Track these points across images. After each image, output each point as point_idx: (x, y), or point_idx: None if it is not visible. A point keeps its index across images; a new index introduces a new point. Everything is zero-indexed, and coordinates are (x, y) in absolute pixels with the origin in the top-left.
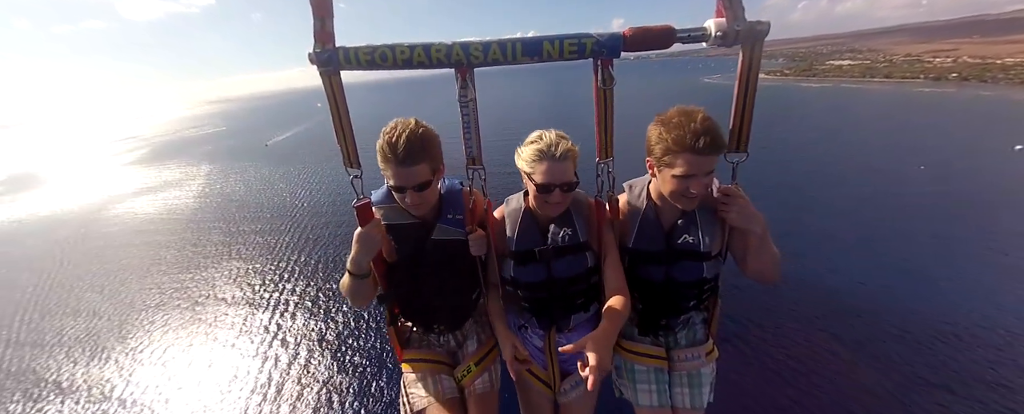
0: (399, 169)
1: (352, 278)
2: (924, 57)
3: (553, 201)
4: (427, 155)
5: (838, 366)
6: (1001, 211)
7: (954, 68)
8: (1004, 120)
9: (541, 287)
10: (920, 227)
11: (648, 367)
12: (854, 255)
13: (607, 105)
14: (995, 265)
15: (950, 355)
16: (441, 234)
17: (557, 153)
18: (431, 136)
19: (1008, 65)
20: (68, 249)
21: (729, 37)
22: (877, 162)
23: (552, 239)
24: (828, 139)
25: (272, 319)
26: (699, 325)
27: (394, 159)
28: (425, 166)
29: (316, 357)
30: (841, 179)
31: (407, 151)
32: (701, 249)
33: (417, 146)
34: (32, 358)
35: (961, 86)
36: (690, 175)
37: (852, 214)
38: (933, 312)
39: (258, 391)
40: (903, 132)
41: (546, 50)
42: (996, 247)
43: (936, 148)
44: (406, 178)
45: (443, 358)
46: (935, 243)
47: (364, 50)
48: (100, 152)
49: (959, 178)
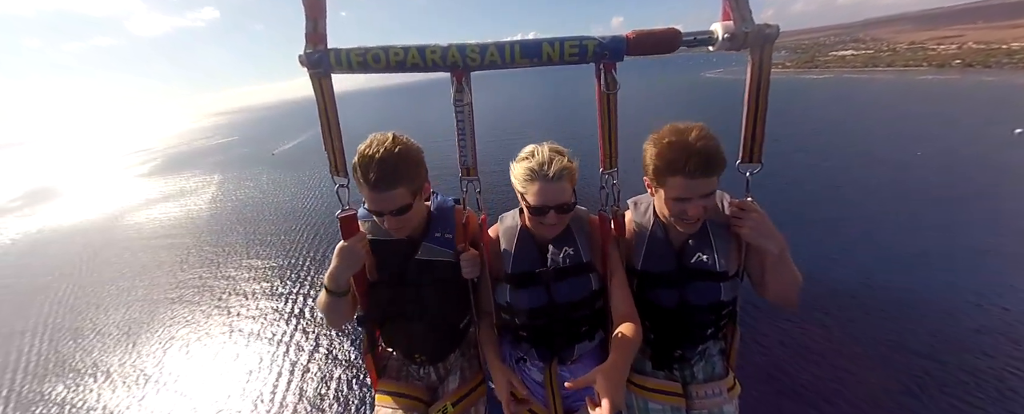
0: (373, 194)
1: (329, 295)
2: (928, 45)
3: (548, 223)
4: (404, 178)
5: (858, 371)
6: (1003, 197)
7: (958, 55)
8: (1006, 105)
9: (541, 313)
10: (923, 216)
11: (664, 406)
12: (860, 249)
13: (611, 111)
14: (998, 253)
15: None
16: (426, 254)
17: (551, 173)
18: (409, 155)
19: (1014, 49)
20: (94, 254)
21: (737, 40)
22: (879, 151)
23: (552, 260)
24: (829, 130)
25: (292, 310)
26: (717, 356)
27: (366, 183)
28: (403, 189)
29: (335, 344)
30: (843, 170)
31: (380, 175)
32: (717, 269)
33: (392, 169)
34: (72, 349)
35: (965, 72)
36: (684, 198)
37: (858, 205)
38: (939, 301)
39: (283, 375)
40: (904, 120)
41: (546, 53)
42: (997, 235)
43: (937, 136)
44: (381, 203)
45: (420, 393)
46: (938, 233)
47: (356, 52)
48: (113, 165)
49: (960, 165)
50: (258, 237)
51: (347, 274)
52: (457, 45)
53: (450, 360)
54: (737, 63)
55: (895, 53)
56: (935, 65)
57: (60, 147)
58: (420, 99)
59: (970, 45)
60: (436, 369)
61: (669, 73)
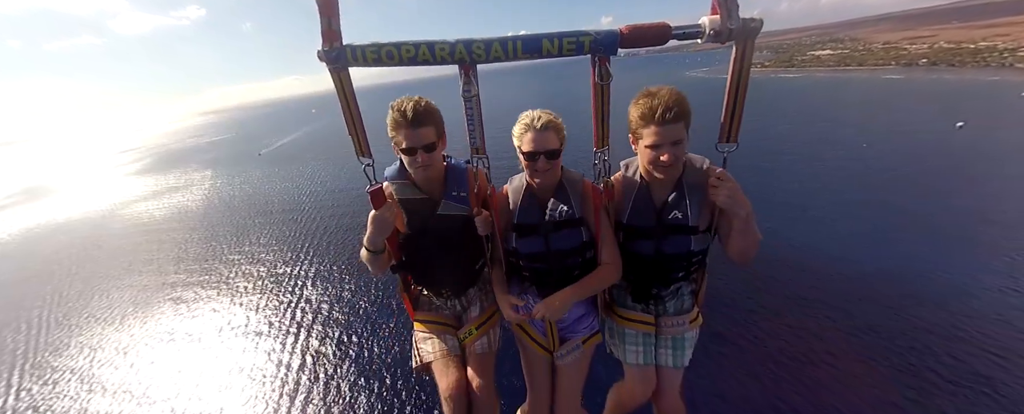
0: (410, 131)
1: (369, 253)
2: (901, 44)
3: (540, 168)
4: (433, 119)
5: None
6: (938, 184)
7: (927, 54)
8: (955, 101)
9: (540, 258)
10: (863, 199)
11: (637, 331)
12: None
13: (604, 99)
14: (924, 227)
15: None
16: (446, 210)
17: (539, 124)
18: (433, 106)
19: (980, 49)
20: (92, 247)
21: (723, 34)
22: (830, 142)
23: (550, 214)
24: (786, 123)
25: (292, 290)
26: (687, 295)
27: (405, 123)
28: (431, 129)
29: (335, 312)
30: (796, 159)
31: (415, 115)
32: (689, 223)
33: (423, 112)
34: (79, 325)
35: (930, 70)
36: (658, 144)
37: (804, 186)
38: (878, 274)
39: (286, 344)
40: (859, 115)
41: (546, 47)
42: (923, 214)
43: (883, 129)
44: (416, 139)
45: (449, 320)
46: (880, 213)
47: (371, 48)
48: (105, 163)
49: (898, 154)
50: (253, 227)
51: (382, 236)
52: (464, 41)
53: (470, 294)
54: (720, 62)
55: (869, 52)
56: (903, 64)
57: (51, 147)
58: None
59: (941, 44)
60: (459, 301)
61: (653, 71)
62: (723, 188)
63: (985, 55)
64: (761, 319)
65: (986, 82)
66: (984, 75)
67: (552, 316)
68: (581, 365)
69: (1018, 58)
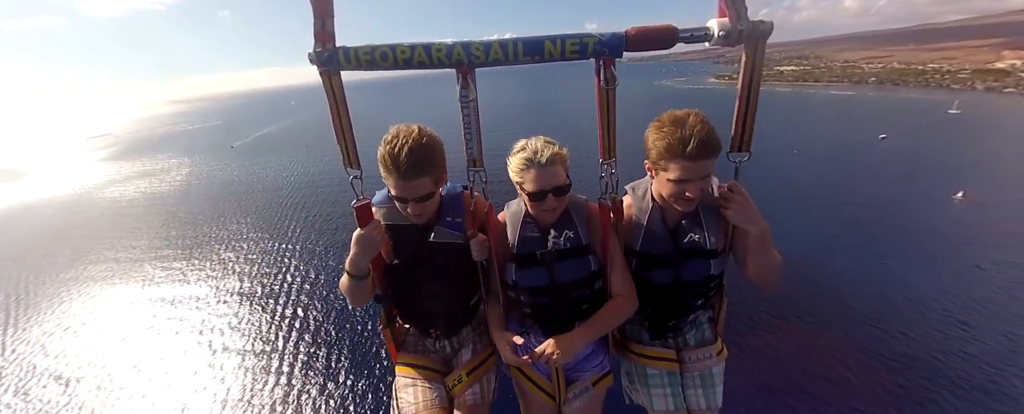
0: (401, 182)
1: (351, 279)
2: (859, 63)
3: (548, 207)
4: (430, 167)
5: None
6: (857, 190)
7: (878, 73)
8: (886, 116)
9: (544, 292)
10: (781, 201)
11: (660, 371)
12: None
13: (609, 105)
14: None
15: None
16: (439, 237)
17: (543, 160)
18: (434, 146)
19: (926, 70)
20: (63, 229)
21: (732, 36)
22: (765, 150)
23: (553, 242)
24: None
25: (271, 279)
26: (706, 324)
27: (396, 172)
28: (428, 179)
29: (311, 313)
30: (727, 165)
31: (409, 164)
32: (707, 246)
33: (420, 159)
34: (67, 294)
35: (878, 89)
36: (684, 180)
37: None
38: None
39: (261, 335)
40: (795, 126)
41: (548, 50)
42: (838, 219)
43: (816, 140)
44: (408, 191)
45: (436, 365)
46: (795, 218)
47: (364, 50)
48: (76, 148)
49: (828, 163)
50: (230, 214)
51: (366, 259)
52: (462, 43)
53: (463, 334)
54: (693, 71)
55: (829, 70)
56: (854, 81)
57: (17, 131)
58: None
59: (894, 65)
60: (450, 343)
61: (628, 81)
62: (734, 202)
63: (928, 76)
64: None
65: (923, 100)
66: (923, 94)
67: (562, 360)
68: (593, 409)
69: (955, 79)
